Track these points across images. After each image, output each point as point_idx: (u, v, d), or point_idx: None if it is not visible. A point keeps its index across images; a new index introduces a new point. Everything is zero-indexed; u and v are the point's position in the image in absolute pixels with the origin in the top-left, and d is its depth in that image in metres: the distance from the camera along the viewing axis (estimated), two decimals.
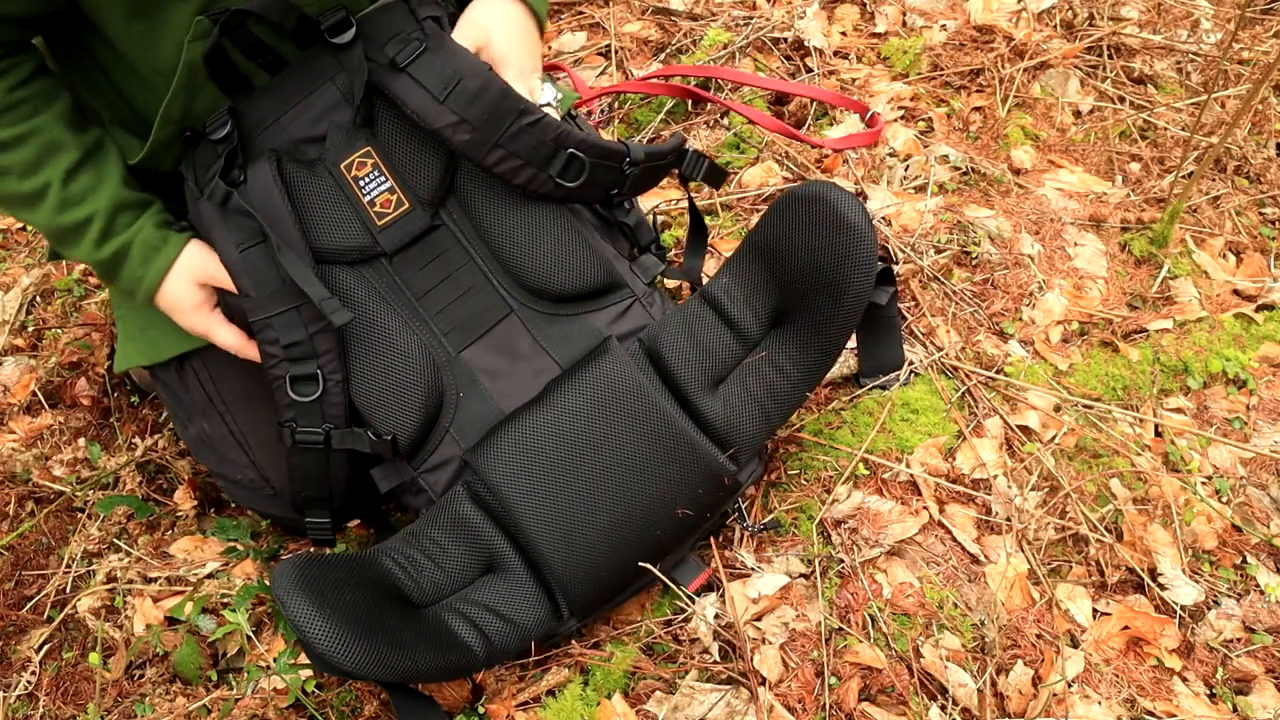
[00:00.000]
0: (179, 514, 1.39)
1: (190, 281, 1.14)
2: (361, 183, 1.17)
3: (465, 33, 1.16)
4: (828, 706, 1.08)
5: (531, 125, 1.12)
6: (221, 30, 1.06)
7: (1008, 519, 1.24)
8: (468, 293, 1.21)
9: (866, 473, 1.29)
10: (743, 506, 1.24)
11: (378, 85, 1.13)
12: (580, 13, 2.20)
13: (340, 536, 1.35)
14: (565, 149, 1.13)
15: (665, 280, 1.51)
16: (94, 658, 1.21)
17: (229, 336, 1.17)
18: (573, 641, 1.17)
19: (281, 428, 1.15)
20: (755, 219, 1.64)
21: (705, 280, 1.31)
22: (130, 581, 1.31)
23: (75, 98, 1.14)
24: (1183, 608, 1.18)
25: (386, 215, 1.18)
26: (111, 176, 1.11)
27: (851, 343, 1.33)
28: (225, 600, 1.26)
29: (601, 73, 2.04)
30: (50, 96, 1.10)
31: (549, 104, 1.21)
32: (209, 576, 1.30)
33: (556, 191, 1.16)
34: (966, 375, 1.39)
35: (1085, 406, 1.35)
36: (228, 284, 1.12)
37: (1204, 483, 1.30)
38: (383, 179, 1.17)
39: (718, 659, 1.12)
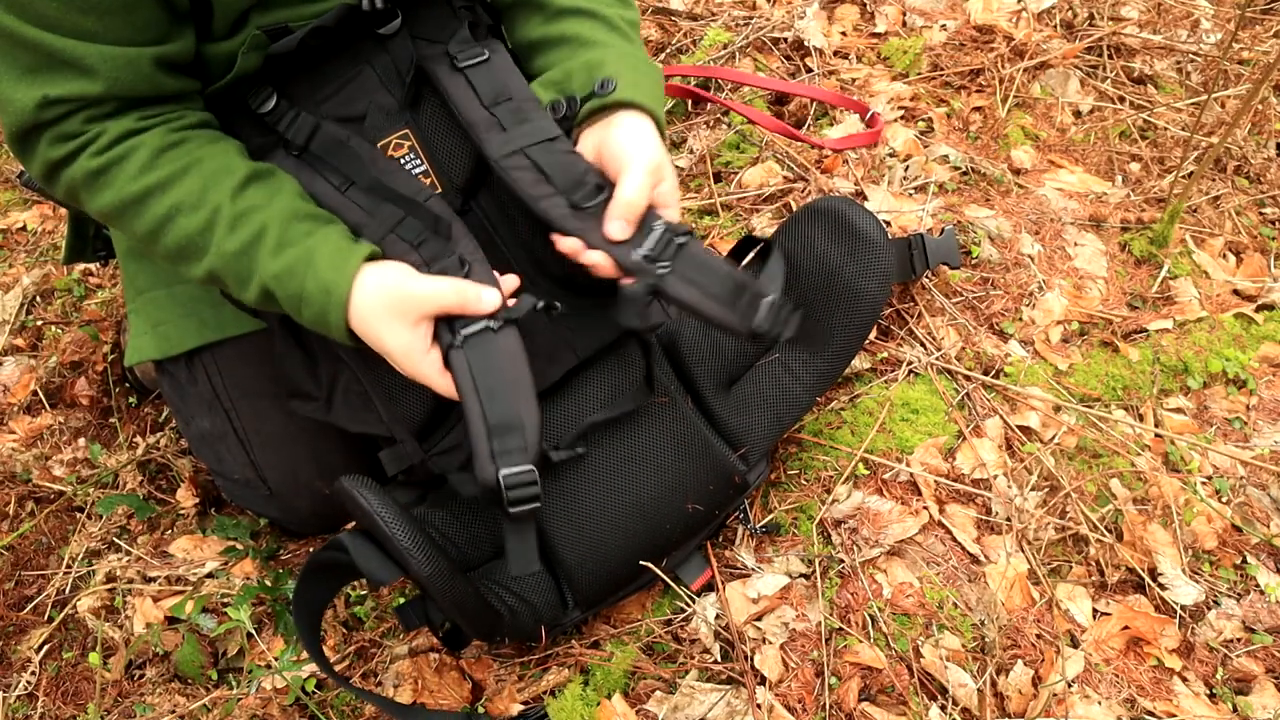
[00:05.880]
0: (180, 512, 1.39)
1: (388, 292, 0.94)
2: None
3: (647, 165, 1.00)
4: (828, 706, 1.08)
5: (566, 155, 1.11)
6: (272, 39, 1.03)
7: (1008, 519, 1.24)
8: None
9: (866, 473, 1.29)
10: (746, 506, 1.24)
11: (429, 74, 1.13)
12: None
13: None
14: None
15: None
16: (94, 658, 1.21)
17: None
18: (573, 641, 1.17)
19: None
20: (755, 218, 1.64)
21: None
22: (130, 581, 1.31)
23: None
24: (1183, 608, 1.18)
25: None
26: (286, 190, 1.00)
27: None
28: (225, 600, 1.26)
29: None
30: (216, 138, 1.01)
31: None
32: (209, 576, 1.30)
33: None
34: (966, 376, 1.39)
35: (1085, 407, 1.35)
36: (444, 304, 0.94)
37: (1204, 483, 1.30)
38: (418, 161, 1.17)
39: (718, 659, 1.12)
